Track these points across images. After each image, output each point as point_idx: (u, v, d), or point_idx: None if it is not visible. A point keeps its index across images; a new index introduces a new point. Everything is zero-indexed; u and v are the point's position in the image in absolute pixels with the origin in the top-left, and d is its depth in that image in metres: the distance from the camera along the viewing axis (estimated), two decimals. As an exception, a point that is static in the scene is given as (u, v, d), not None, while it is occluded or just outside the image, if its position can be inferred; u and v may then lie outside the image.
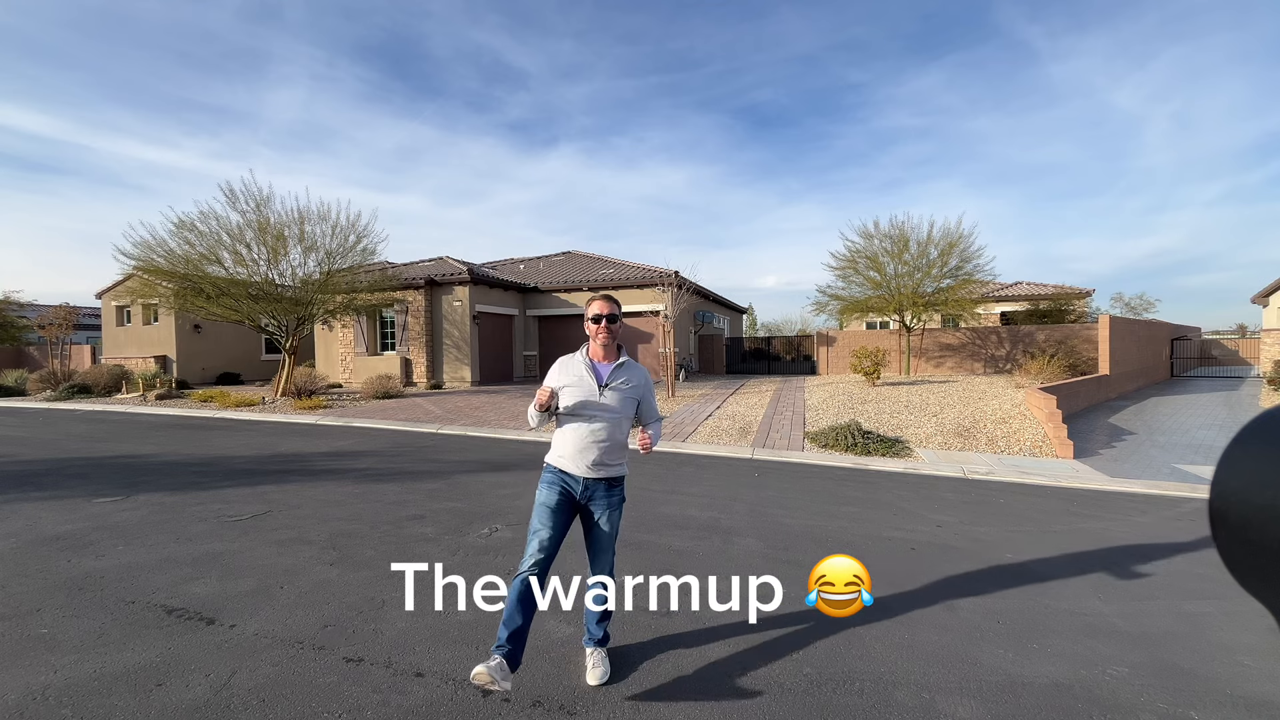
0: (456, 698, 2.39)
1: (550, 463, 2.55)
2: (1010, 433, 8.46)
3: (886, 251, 15.69)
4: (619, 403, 2.49)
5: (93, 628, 2.94)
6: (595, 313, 2.52)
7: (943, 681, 2.54)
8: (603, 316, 2.51)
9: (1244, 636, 2.94)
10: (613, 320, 2.53)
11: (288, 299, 14.19)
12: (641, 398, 2.58)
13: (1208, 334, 33.73)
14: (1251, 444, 0.43)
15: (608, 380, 2.50)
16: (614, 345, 2.57)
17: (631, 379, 2.55)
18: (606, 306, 2.53)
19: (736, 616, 2.92)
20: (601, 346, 2.54)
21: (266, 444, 8.67)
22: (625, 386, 2.52)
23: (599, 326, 2.51)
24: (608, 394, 2.48)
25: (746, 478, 6.54)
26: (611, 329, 2.52)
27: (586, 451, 2.45)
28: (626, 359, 2.59)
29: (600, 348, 2.54)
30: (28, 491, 5.71)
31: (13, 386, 17.37)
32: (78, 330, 21.81)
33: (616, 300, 2.59)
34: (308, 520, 4.77)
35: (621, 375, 2.53)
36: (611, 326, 2.52)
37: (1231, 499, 0.43)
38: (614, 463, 2.51)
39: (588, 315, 2.55)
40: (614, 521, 2.53)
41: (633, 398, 2.54)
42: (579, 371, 2.52)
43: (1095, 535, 4.62)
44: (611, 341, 2.55)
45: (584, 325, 2.58)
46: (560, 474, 2.50)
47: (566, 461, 2.48)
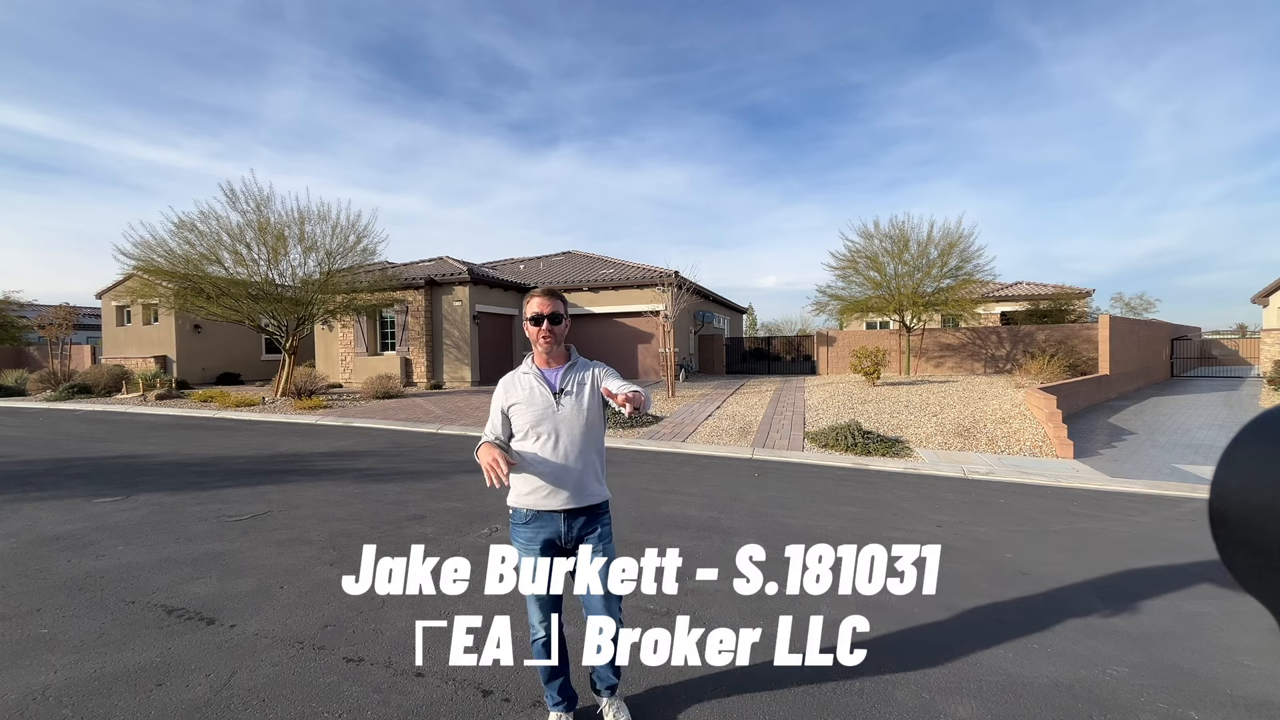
0: (456, 698, 2.39)
1: (516, 506, 2.15)
2: (1010, 433, 8.46)
3: (886, 251, 15.70)
4: (582, 408, 2.12)
5: (93, 628, 2.94)
6: (534, 312, 2.11)
7: (943, 681, 2.54)
8: (543, 317, 2.10)
9: (1244, 636, 2.94)
10: (555, 320, 2.12)
11: (288, 299, 14.20)
12: (601, 384, 2.18)
13: (1208, 334, 33.73)
14: (1251, 444, 0.43)
15: (561, 385, 2.13)
16: (561, 348, 2.20)
17: (585, 376, 2.18)
18: (547, 305, 2.11)
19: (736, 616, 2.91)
20: (545, 352, 2.16)
21: (266, 444, 8.67)
22: (582, 387, 2.15)
23: (539, 329, 2.11)
24: (566, 401, 2.10)
25: (746, 478, 6.54)
26: (554, 330, 2.12)
27: (559, 477, 2.07)
28: (577, 359, 2.23)
29: (544, 353, 2.16)
30: (28, 491, 5.71)
31: (13, 386, 17.38)
32: (78, 330, 21.82)
33: (560, 295, 2.18)
34: (308, 520, 4.77)
35: (574, 376, 2.16)
36: (554, 328, 2.12)
37: (1231, 499, 0.43)
38: (595, 484, 2.15)
39: (525, 316, 2.15)
40: (610, 556, 2.15)
41: (595, 395, 2.16)
42: (527, 385, 2.15)
43: (1095, 535, 4.62)
44: (556, 344, 2.16)
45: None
46: (533, 517, 2.11)
47: (537, 497, 2.10)
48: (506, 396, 2.17)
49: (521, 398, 2.13)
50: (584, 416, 2.12)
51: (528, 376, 2.17)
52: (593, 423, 2.14)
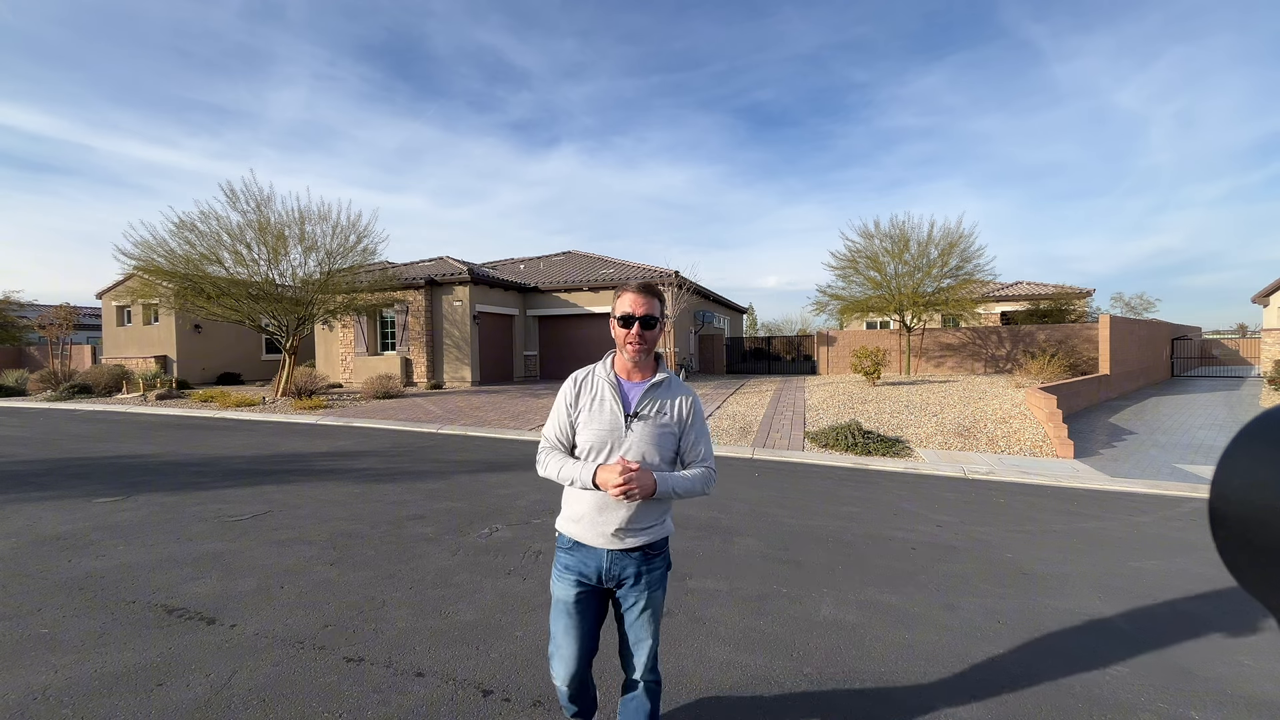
0: (457, 698, 2.39)
1: (562, 531, 1.84)
2: (1010, 432, 8.45)
3: (887, 251, 15.69)
4: (652, 440, 1.73)
5: (93, 628, 2.94)
6: (625, 311, 1.74)
7: (943, 681, 2.54)
8: (634, 319, 1.73)
9: (1244, 636, 2.94)
10: (649, 324, 1.75)
11: (288, 299, 14.21)
12: (682, 434, 1.80)
13: (1208, 334, 33.74)
14: (1251, 444, 0.43)
15: (637, 408, 1.75)
16: (650, 357, 1.83)
17: (668, 406, 1.78)
18: (642, 304, 1.74)
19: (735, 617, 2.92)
20: (631, 360, 1.78)
21: (267, 444, 8.67)
22: (661, 417, 1.76)
23: (629, 332, 1.74)
24: (637, 427, 1.73)
25: (746, 477, 6.54)
26: (645, 336, 1.75)
27: (609, 512, 1.72)
28: (667, 375, 1.83)
29: (629, 362, 1.79)
30: (28, 491, 5.72)
31: (13, 386, 17.38)
32: (78, 330, 21.85)
33: (659, 293, 1.80)
34: (308, 520, 4.77)
35: (655, 399, 1.78)
36: (646, 333, 1.75)
37: (1231, 499, 0.43)
38: (650, 524, 1.76)
39: (614, 314, 1.78)
40: (655, 606, 1.80)
41: (671, 433, 1.77)
42: (601, 393, 1.79)
43: (1095, 535, 4.62)
44: (646, 353, 1.79)
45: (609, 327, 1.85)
46: (575, 548, 1.79)
47: (583, 527, 1.76)
48: (577, 400, 1.81)
49: (592, 405, 1.78)
50: (653, 450, 1.74)
51: (603, 382, 1.80)
52: (662, 460, 1.76)
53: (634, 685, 1.86)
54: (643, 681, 1.84)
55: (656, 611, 1.82)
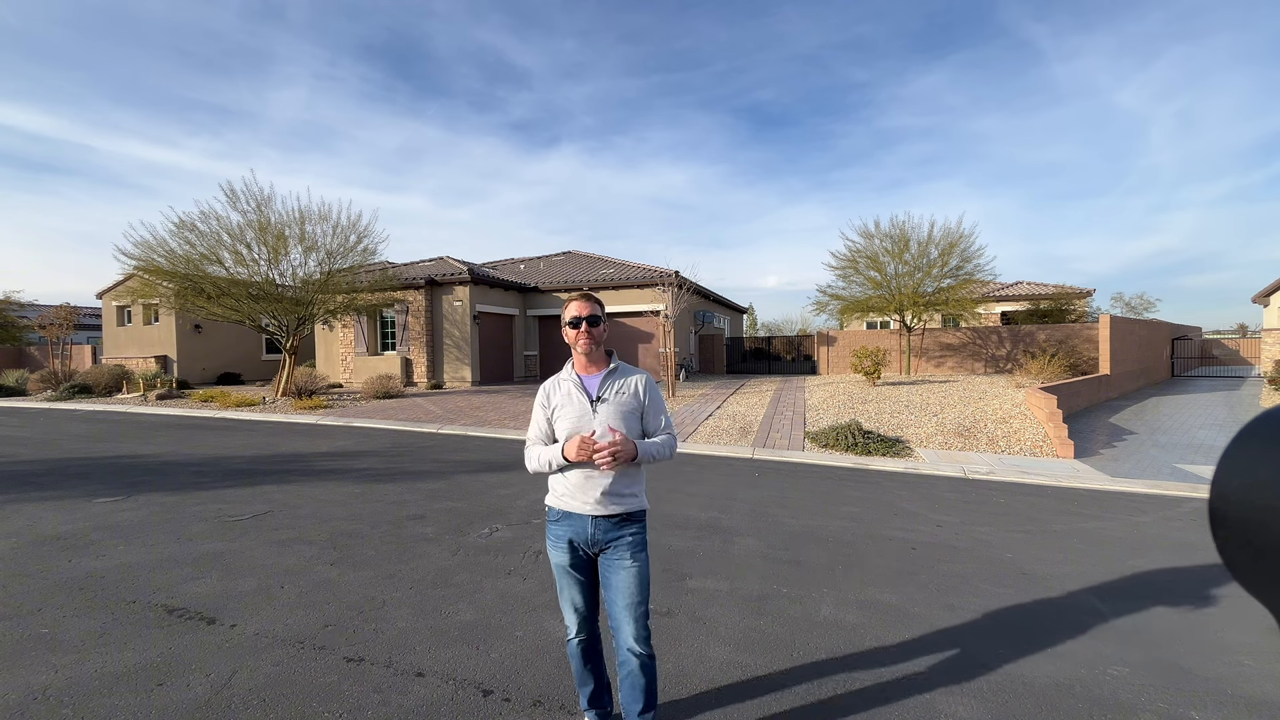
0: (457, 698, 2.39)
1: (551, 505, 2.13)
2: (1011, 432, 8.45)
3: (887, 251, 15.69)
4: (617, 416, 2.05)
5: (93, 628, 2.94)
6: (573, 315, 2.07)
7: (943, 681, 2.54)
8: (581, 319, 2.06)
9: (1244, 636, 2.94)
10: (594, 323, 2.08)
11: (288, 299, 14.21)
12: (642, 407, 2.11)
13: (1208, 334, 33.73)
14: (1251, 444, 0.43)
15: (599, 393, 2.07)
16: (600, 351, 2.13)
17: (625, 386, 2.10)
18: (586, 307, 2.08)
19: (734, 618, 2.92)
20: (584, 355, 2.10)
21: (267, 444, 8.68)
22: (621, 396, 2.08)
23: (578, 332, 2.07)
24: (602, 409, 2.04)
25: (747, 477, 6.54)
26: (593, 333, 2.08)
27: (590, 484, 2.01)
28: (618, 364, 2.17)
29: (583, 356, 2.11)
30: (28, 491, 5.72)
31: (13, 386, 17.39)
32: (78, 330, 21.86)
33: (597, 299, 2.14)
34: (308, 520, 4.77)
35: (612, 384, 2.09)
36: (593, 330, 2.08)
37: (1231, 499, 0.43)
38: (626, 492, 2.05)
39: (564, 319, 2.11)
40: (640, 569, 2.03)
41: (632, 409, 2.09)
42: (566, 390, 2.11)
43: (1095, 535, 4.61)
44: (595, 347, 2.10)
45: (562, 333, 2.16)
46: (564, 518, 2.07)
47: (569, 499, 2.06)
48: (549, 402, 2.13)
49: (563, 401, 2.10)
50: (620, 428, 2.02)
51: (567, 382, 2.12)
52: (630, 433, 2.05)
53: (628, 661, 2.02)
54: (636, 656, 2.00)
55: (642, 575, 2.03)
